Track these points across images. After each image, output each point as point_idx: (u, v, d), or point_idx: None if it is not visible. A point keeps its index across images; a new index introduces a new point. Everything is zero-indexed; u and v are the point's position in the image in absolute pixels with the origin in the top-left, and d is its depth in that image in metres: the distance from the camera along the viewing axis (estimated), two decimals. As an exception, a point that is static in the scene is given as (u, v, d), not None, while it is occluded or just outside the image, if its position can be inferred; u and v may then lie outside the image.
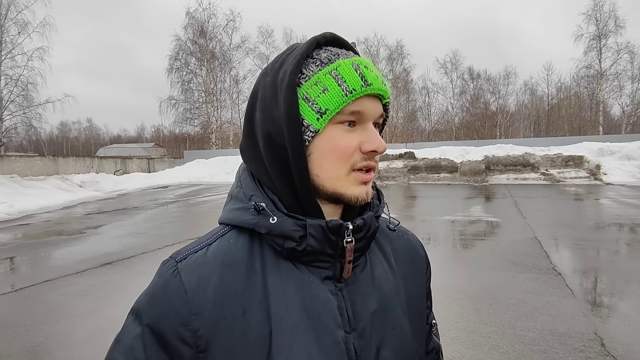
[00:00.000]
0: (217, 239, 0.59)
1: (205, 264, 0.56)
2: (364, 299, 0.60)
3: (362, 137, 0.56)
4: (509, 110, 38.85)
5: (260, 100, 0.59)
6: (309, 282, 0.57)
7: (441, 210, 9.22)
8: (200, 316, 0.53)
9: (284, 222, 0.56)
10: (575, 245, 5.76)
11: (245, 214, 0.58)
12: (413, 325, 0.66)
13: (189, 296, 0.53)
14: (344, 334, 0.56)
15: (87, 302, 4.01)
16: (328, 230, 0.56)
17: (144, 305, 0.56)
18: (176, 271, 0.55)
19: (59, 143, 61.90)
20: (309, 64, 0.57)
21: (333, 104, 0.54)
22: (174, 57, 30.75)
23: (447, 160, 16.61)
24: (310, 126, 0.55)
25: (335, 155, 0.56)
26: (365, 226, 0.59)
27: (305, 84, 0.56)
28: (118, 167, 22.62)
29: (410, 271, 0.70)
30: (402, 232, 0.74)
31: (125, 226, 8.37)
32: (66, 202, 13.06)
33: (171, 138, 50.13)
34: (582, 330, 3.11)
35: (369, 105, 0.56)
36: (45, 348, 3.10)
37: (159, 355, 0.54)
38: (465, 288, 4.09)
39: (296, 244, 0.56)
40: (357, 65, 0.56)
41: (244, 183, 0.61)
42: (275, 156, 0.57)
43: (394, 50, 36.62)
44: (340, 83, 0.55)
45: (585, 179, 14.34)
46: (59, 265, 5.48)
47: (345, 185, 0.57)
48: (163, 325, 0.53)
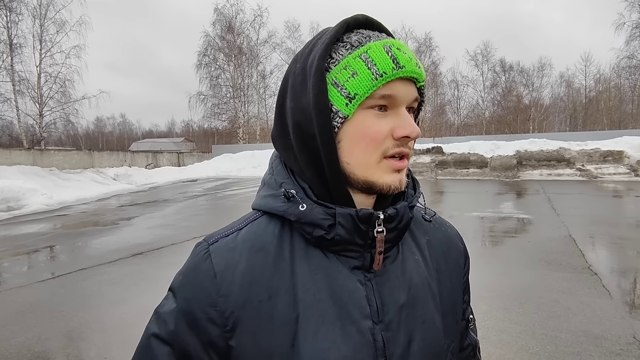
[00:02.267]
0: (248, 224, 0.60)
1: (235, 247, 0.57)
2: (393, 291, 0.59)
3: (394, 122, 0.54)
4: (543, 103, 37.36)
5: (291, 87, 0.57)
6: (337, 271, 0.56)
7: (470, 206, 9.00)
8: (227, 298, 0.54)
9: (313, 210, 0.55)
10: (613, 244, 5.48)
11: (275, 201, 0.58)
12: (445, 320, 0.64)
13: (218, 278, 0.55)
14: (371, 324, 0.55)
15: (118, 290, 4.16)
16: (358, 219, 0.54)
17: (177, 284, 0.58)
18: (207, 253, 0.57)
19: (94, 138, 64.44)
20: (338, 48, 0.55)
21: (362, 88, 0.52)
22: (203, 53, 31.32)
23: (476, 155, 16.18)
24: (339, 112, 0.54)
25: (365, 142, 0.54)
26: (397, 216, 0.57)
27: (335, 68, 0.54)
28: (149, 161, 23.34)
29: (445, 265, 0.68)
30: (440, 223, 0.72)
31: (155, 218, 8.63)
32: (101, 194, 13.61)
33: (200, 133, 51.23)
34: (620, 332, 2.95)
35: (401, 88, 0.54)
36: (79, 333, 3.24)
37: (188, 331, 0.55)
38: (495, 286, 3.97)
39: (325, 233, 0.55)
40: (388, 47, 0.54)
41: (275, 170, 0.61)
42: (305, 144, 0.56)
43: (422, 43, 35.90)
44: (370, 66, 0.52)
45: (625, 175, 13.63)
46: (94, 254, 5.71)
47: (377, 173, 0.55)
48: (193, 305, 0.55)
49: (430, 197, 10.85)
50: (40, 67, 20.56)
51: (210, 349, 0.55)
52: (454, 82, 38.63)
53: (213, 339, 0.54)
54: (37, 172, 14.37)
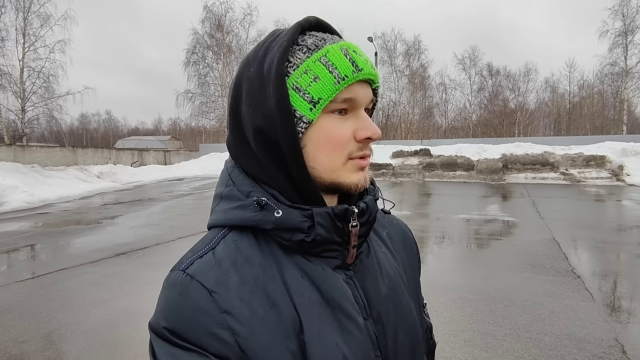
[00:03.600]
0: (220, 242, 0.55)
1: (217, 264, 0.53)
2: (375, 285, 0.60)
3: (355, 124, 0.55)
4: (528, 107, 37.97)
5: (246, 93, 0.55)
6: (323, 273, 0.56)
7: (456, 208, 9.07)
8: (231, 314, 0.50)
9: (290, 214, 0.53)
10: (596, 248, 5.58)
11: (245, 212, 0.55)
12: (415, 307, 0.67)
13: (214, 295, 0.50)
14: (362, 321, 0.56)
15: (101, 291, 4.06)
16: (335, 216, 0.55)
17: (167, 323, 0.49)
18: (188, 277, 0.51)
19: (78, 134, 63.21)
20: (295, 52, 0.54)
21: (326, 92, 0.52)
22: (191, 50, 31.02)
23: (463, 157, 16.34)
24: (303, 117, 0.53)
25: (330, 146, 0.54)
26: (368, 210, 0.58)
27: (294, 72, 0.53)
28: (135, 159, 22.99)
29: (405, 255, 0.71)
30: (391, 217, 0.75)
31: (140, 217, 8.49)
32: (84, 192, 13.34)
33: (187, 131, 50.73)
34: (602, 336, 3.00)
35: (360, 91, 0.55)
36: (59, 335, 3.15)
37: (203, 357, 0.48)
38: (480, 289, 4.00)
39: (305, 235, 0.54)
40: (346, 50, 0.54)
41: (236, 181, 0.58)
42: (269, 151, 0.54)
43: (411, 46, 36.18)
44: (332, 70, 0.52)
45: (607, 180, 13.93)
46: (76, 254, 5.58)
47: (344, 174, 0.56)
48: (196, 331, 0.48)
49: (418, 199, 10.92)
50: (23, 61, 20.05)
51: None
52: (442, 85, 39.01)
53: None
54: (18, 169, 14.00)
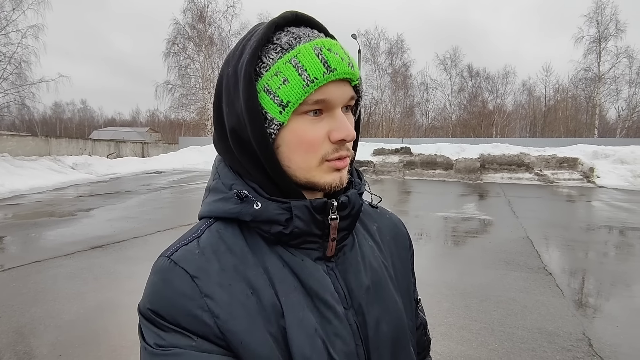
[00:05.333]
0: (205, 231, 0.58)
1: (201, 252, 0.55)
2: (357, 277, 0.60)
3: (330, 125, 0.54)
4: (506, 109, 38.94)
5: (224, 90, 0.56)
6: (302, 263, 0.57)
7: (435, 206, 9.24)
8: (212, 298, 0.52)
9: (269, 206, 0.55)
10: (566, 246, 5.80)
11: (227, 204, 0.57)
12: (404, 300, 0.67)
13: (196, 281, 0.52)
14: (343, 310, 0.57)
15: (76, 284, 3.97)
16: (313, 209, 0.55)
17: (151, 305, 0.52)
18: (172, 262, 0.53)
19: (52, 124, 61.00)
20: (269, 51, 0.54)
21: (294, 95, 0.52)
22: (172, 41, 30.34)
23: (442, 157, 16.63)
24: (274, 119, 0.53)
25: (303, 148, 0.54)
26: (349, 203, 0.59)
27: (266, 74, 0.53)
28: (111, 150, 22.42)
29: (395, 249, 0.71)
30: (384, 212, 0.76)
31: (117, 210, 8.30)
32: (58, 184, 12.94)
33: (166, 123, 49.70)
34: (571, 330, 3.13)
35: (335, 91, 0.53)
36: (32, 329, 3.07)
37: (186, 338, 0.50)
38: (456, 284, 4.10)
39: (283, 228, 0.55)
40: (319, 50, 0.53)
41: (221, 174, 0.60)
42: (244, 150, 0.55)
43: (394, 44, 36.47)
44: (301, 72, 0.52)
45: (579, 181, 14.45)
46: (49, 246, 5.42)
47: (318, 174, 0.56)
48: (178, 314, 0.51)
49: (397, 197, 11.06)
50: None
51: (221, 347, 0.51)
52: (423, 85, 39.51)
53: (216, 342, 0.51)
54: (-13, 158, 13.47)
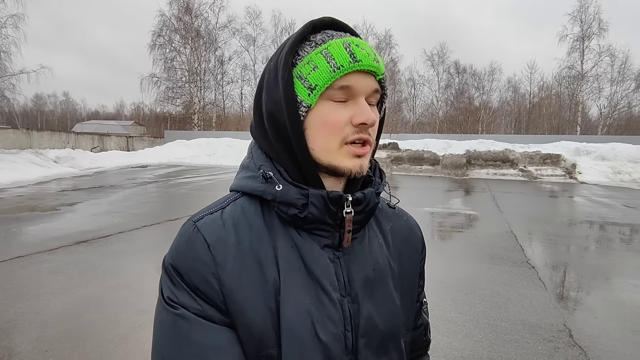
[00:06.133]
0: (230, 203, 0.65)
1: (222, 223, 0.61)
2: (360, 268, 0.65)
3: (353, 111, 0.60)
4: (491, 106, 39.44)
5: (266, 82, 0.63)
6: (310, 248, 0.62)
7: (422, 201, 9.35)
8: (224, 267, 0.58)
9: (289, 190, 0.60)
10: (549, 240, 5.94)
11: (255, 182, 0.63)
12: (404, 299, 0.71)
13: (212, 249, 0.59)
14: (339, 297, 0.62)
15: (61, 280, 3.91)
16: (329, 200, 0.60)
17: (173, 262, 0.60)
18: (196, 229, 0.61)
19: (33, 116, 59.46)
20: (305, 46, 0.61)
21: (322, 79, 0.58)
22: (157, 33, 29.87)
23: (429, 152, 16.80)
24: (303, 102, 0.59)
25: (326, 129, 0.59)
26: (364, 200, 0.63)
27: (300, 63, 0.60)
28: (95, 144, 22.00)
29: (406, 250, 0.75)
30: (402, 213, 0.80)
31: (101, 204, 8.18)
32: (40, 178, 12.66)
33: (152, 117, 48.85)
34: (552, 321, 3.22)
35: (359, 80, 0.59)
36: (15, 325, 3.02)
37: (196, 297, 0.58)
38: (443, 278, 4.17)
39: (298, 211, 0.60)
40: (347, 44, 0.59)
41: (255, 155, 0.66)
42: (278, 133, 0.61)
43: (382, 40, 36.53)
44: (329, 60, 0.58)
45: (561, 177, 14.77)
46: (31, 241, 5.31)
47: (338, 158, 0.60)
48: (193, 274, 0.58)
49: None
50: (-30, 34, 18.62)
51: (221, 312, 0.58)
52: (411, 81, 39.78)
53: (218, 306, 0.58)
54: (-35, 151, 13.09)
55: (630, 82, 31.97)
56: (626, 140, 17.89)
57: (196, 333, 0.57)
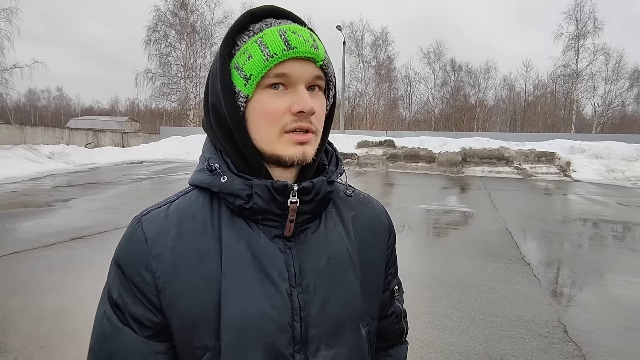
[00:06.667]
0: (180, 197, 0.66)
1: (166, 216, 0.63)
2: (312, 258, 0.64)
3: (292, 99, 0.59)
4: (487, 104, 39.55)
5: (210, 74, 0.64)
6: (258, 239, 0.62)
7: (417, 198, 9.38)
8: (158, 260, 0.59)
9: (233, 181, 0.61)
10: (543, 238, 5.99)
11: (203, 175, 0.64)
12: (366, 287, 0.69)
13: (149, 243, 0.60)
14: (288, 287, 0.61)
15: (57, 276, 3.89)
16: (273, 190, 0.60)
17: (116, 254, 0.63)
18: (139, 223, 0.62)
19: (26, 111, 58.85)
20: (243, 36, 0.60)
21: (256, 68, 0.58)
22: (153, 28, 29.61)
23: (425, 150, 16.84)
24: (240, 92, 0.59)
25: (265, 119, 0.59)
26: (313, 189, 0.62)
27: (237, 54, 0.60)
28: (90, 139, 21.86)
29: (370, 238, 0.72)
30: (367, 201, 0.77)
31: (96, 201, 8.13)
32: (34, 173, 12.56)
33: (147, 113, 48.60)
34: (547, 317, 3.25)
35: (296, 68, 0.58)
36: (11, 321, 3.00)
37: (129, 293, 0.60)
38: (439, 275, 4.20)
39: (244, 202, 0.60)
40: (283, 32, 0.58)
41: (205, 148, 0.67)
42: (221, 125, 0.62)
43: (379, 37, 36.49)
44: (263, 49, 0.58)
45: (556, 175, 14.87)
46: (26, 237, 5.28)
47: (280, 146, 0.60)
48: (129, 269, 0.60)
49: (381, 189, 11.17)
50: (-38, 28, 18.37)
51: (152, 309, 0.60)
52: (407, 78, 39.75)
53: (150, 299, 0.60)
54: (-42, 146, 12.94)
55: (624, 81, 32.25)
56: (620, 138, 18.03)
57: (115, 339, 0.60)
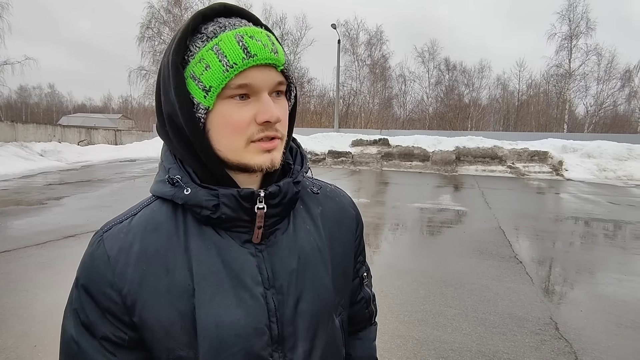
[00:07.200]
0: (143, 208, 0.63)
1: (128, 231, 0.60)
2: (284, 259, 0.63)
3: (256, 108, 0.57)
4: (481, 103, 39.73)
5: (162, 80, 0.59)
6: (228, 246, 0.61)
7: (412, 197, 9.42)
8: (123, 277, 0.57)
9: (197, 193, 0.58)
10: (535, 236, 6.04)
11: (164, 186, 0.61)
12: (337, 280, 0.70)
13: (112, 261, 0.58)
14: (262, 290, 0.61)
15: (49, 274, 3.86)
16: (240, 198, 0.59)
17: (79, 274, 0.60)
18: (100, 241, 0.60)
19: (17, 108, 58.10)
20: (196, 40, 0.56)
21: (216, 80, 0.54)
22: (146, 25, 29.38)
23: (419, 148, 16.90)
24: (200, 104, 0.56)
25: (229, 130, 0.57)
26: (280, 192, 0.61)
27: (192, 61, 0.56)
28: (82, 137, 21.66)
29: (337, 231, 0.73)
30: (334, 194, 0.77)
31: (89, 199, 8.07)
32: (25, 171, 12.44)
33: (140, 110, 48.30)
34: (539, 315, 3.29)
35: (257, 75, 0.56)
36: (3, 320, 2.98)
37: (96, 313, 0.58)
38: (432, 273, 4.22)
39: (211, 212, 0.59)
40: (240, 37, 0.55)
41: (164, 157, 0.64)
42: (179, 135, 0.59)
43: (373, 36, 36.51)
44: (221, 58, 0.54)
45: (548, 174, 15.00)
46: (18, 235, 5.23)
47: (247, 156, 0.58)
48: (93, 288, 0.58)
49: (375, 188, 11.20)
50: (-48, 23, 18.11)
51: (122, 327, 0.58)
52: (401, 77, 39.81)
53: (119, 317, 0.58)
54: (-52, 143, 12.77)
55: (616, 81, 32.55)
56: (611, 138, 18.21)
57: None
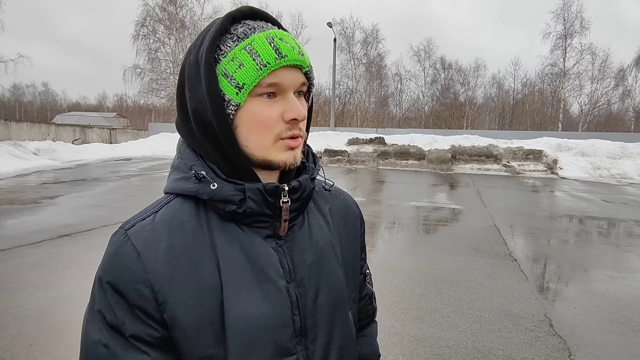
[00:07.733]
0: (163, 207, 0.63)
1: (153, 229, 0.60)
2: (302, 253, 0.66)
3: (283, 106, 0.60)
4: (476, 102, 39.85)
5: (187, 78, 0.61)
6: (251, 241, 0.62)
7: (407, 196, 9.45)
8: (155, 273, 0.57)
9: (224, 187, 0.60)
10: (530, 234, 6.08)
11: (187, 183, 0.62)
12: (347, 274, 0.74)
13: (142, 257, 0.58)
14: (285, 284, 0.63)
15: (44, 274, 3.84)
16: (266, 192, 0.61)
17: (102, 273, 0.59)
18: (126, 237, 0.59)
19: (10, 107, 57.57)
20: (226, 40, 0.59)
21: (249, 78, 0.57)
22: (141, 23, 29.23)
23: (415, 147, 16.94)
24: (231, 101, 0.59)
25: (259, 127, 0.60)
26: (300, 187, 0.64)
27: (223, 60, 0.59)
28: (77, 136, 21.52)
29: (344, 228, 0.77)
30: (338, 193, 0.81)
31: (84, 197, 8.03)
32: (19, 170, 12.34)
33: (135, 109, 48.04)
34: (534, 312, 3.32)
35: (286, 76, 0.59)
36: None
37: (125, 311, 0.57)
38: (428, 270, 4.24)
39: (236, 207, 0.60)
40: (271, 38, 0.58)
41: (184, 154, 0.65)
42: (206, 131, 0.60)
43: (369, 34, 36.50)
44: (255, 57, 0.57)
45: (543, 173, 15.09)
46: (12, 235, 5.20)
47: (273, 152, 0.61)
48: (123, 285, 0.57)
49: (371, 186, 11.22)
50: (-56, 21, 17.90)
51: (153, 324, 0.58)
52: (397, 76, 39.84)
53: (151, 314, 0.57)
54: (-60, 142, 12.64)
55: (610, 80, 32.75)
56: (605, 136, 18.34)
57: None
